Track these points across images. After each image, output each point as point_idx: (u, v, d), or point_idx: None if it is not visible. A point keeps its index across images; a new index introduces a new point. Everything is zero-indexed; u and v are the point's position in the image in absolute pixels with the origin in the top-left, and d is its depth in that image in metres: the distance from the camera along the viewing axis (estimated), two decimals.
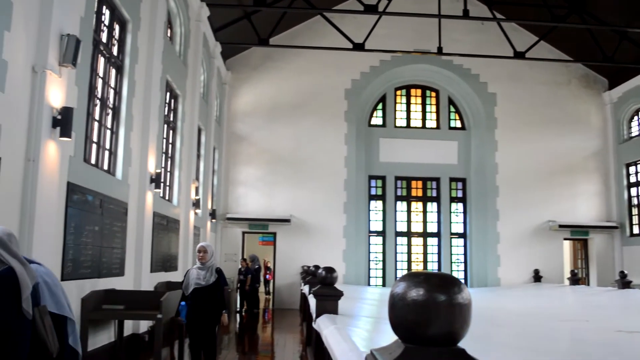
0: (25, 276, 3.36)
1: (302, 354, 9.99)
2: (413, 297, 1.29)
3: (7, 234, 3.48)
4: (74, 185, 7.25)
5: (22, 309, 3.30)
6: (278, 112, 19.79)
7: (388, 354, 1.34)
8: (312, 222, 19.32)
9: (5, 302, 3.26)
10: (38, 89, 6.06)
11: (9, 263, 3.35)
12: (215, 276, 6.78)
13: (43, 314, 3.64)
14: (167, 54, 11.73)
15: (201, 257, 6.82)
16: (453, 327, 1.29)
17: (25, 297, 3.31)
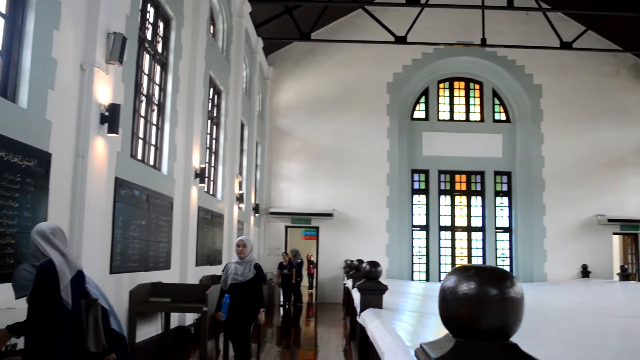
0: (64, 267, 3.47)
1: (346, 348, 9.99)
2: (464, 291, 1.27)
3: (52, 228, 3.61)
4: (121, 180, 7.40)
5: (62, 299, 3.40)
6: (320, 106, 19.79)
7: (438, 348, 1.32)
8: (355, 216, 19.30)
9: (46, 292, 3.38)
10: (86, 86, 6.19)
11: (49, 255, 3.47)
12: (253, 272, 6.51)
13: (90, 307, 3.72)
14: (210, 51, 11.85)
15: (240, 251, 6.54)
16: (505, 321, 1.27)
17: (64, 287, 3.42)
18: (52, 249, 3.52)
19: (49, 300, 3.34)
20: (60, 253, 3.54)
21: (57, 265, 3.45)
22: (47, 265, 3.43)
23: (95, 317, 3.74)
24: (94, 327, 3.71)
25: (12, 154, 4.90)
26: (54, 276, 3.41)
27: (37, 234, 3.55)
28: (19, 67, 5.26)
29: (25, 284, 3.64)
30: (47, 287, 3.39)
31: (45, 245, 3.52)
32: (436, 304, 1.35)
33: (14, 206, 4.93)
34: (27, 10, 5.35)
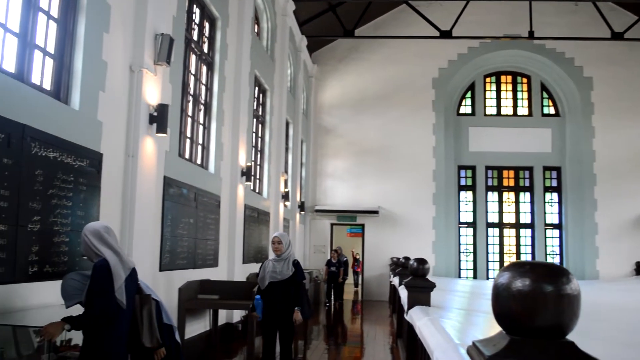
0: (118, 267, 3.51)
1: (393, 346, 9.93)
2: (518, 287, 1.24)
3: (105, 227, 3.68)
4: (170, 179, 7.53)
5: (117, 299, 3.45)
6: (365, 103, 19.73)
7: (492, 346, 1.29)
8: (401, 213, 19.18)
9: (101, 291, 3.44)
10: (135, 87, 6.32)
11: (102, 255, 3.52)
12: (292, 269, 6.14)
13: (144, 303, 3.79)
14: (254, 50, 11.94)
15: (276, 248, 6.22)
16: (561, 318, 1.23)
17: (118, 287, 3.47)
18: (106, 249, 3.57)
19: (103, 300, 3.41)
20: (114, 252, 3.60)
21: (111, 264, 3.50)
22: (102, 264, 3.49)
23: (150, 312, 3.81)
24: (148, 322, 3.78)
25: (66, 155, 5.03)
26: (108, 276, 3.47)
27: (91, 233, 3.61)
28: (71, 69, 5.40)
29: (74, 293, 3.73)
30: (101, 286, 3.45)
31: (99, 245, 3.57)
32: (484, 302, 1.33)
33: (68, 205, 5.06)
34: (78, 15, 5.49)
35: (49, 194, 4.77)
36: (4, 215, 4.20)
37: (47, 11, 5.18)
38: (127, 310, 3.54)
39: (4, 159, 4.20)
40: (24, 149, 4.44)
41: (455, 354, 3.11)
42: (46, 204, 4.73)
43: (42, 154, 4.69)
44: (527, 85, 20.40)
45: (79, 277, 3.80)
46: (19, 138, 4.37)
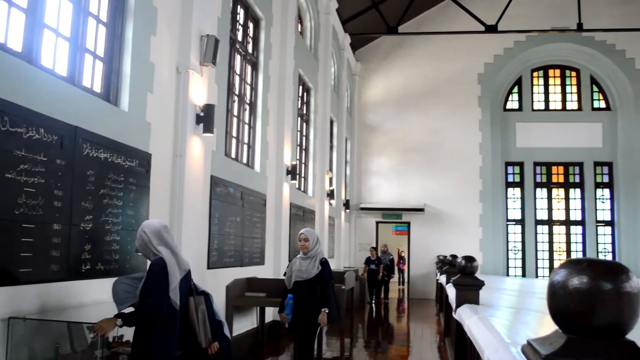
0: (175, 268, 3.54)
1: (440, 345, 9.84)
2: (575, 285, 1.21)
3: (164, 225, 3.71)
4: (217, 178, 7.62)
5: (170, 300, 3.48)
6: (409, 100, 19.58)
7: (548, 344, 1.26)
8: (447, 211, 18.97)
9: (155, 290, 3.47)
10: (182, 88, 6.41)
11: (160, 254, 3.56)
12: (318, 268, 5.81)
13: (198, 304, 3.84)
14: (298, 49, 11.98)
15: (302, 246, 5.90)
16: (620, 317, 1.20)
17: (173, 289, 3.50)
18: (164, 248, 3.60)
19: (156, 298, 3.44)
20: (172, 252, 3.62)
21: (168, 265, 3.53)
22: (159, 263, 3.53)
23: (204, 312, 3.86)
24: (203, 323, 3.82)
25: (116, 155, 5.15)
26: (164, 275, 3.51)
27: (150, 232, 3.63)
28: (120, 72, 5.51)
29: (125, 297, 3.80)
30: (156, 285, 3.48)
31: (158, 244, 3.60)
32: (534, 301, 1.30)
33: (118, 205, 5.18)
34: (126, 18, 5.60)
35: (100, 193, 4.89)
36: (58, 214, 4.32)
37: (96, 15, 5.30)
38: (179, 312, 3.58)
39: (58, 160, 4.32)
40: (76, 150, 4.55)
41: (506, 353, 3.06)
42: (98, 204, 4.85)
43: (94, 154, 4.80)
44: (576, 79, 19.88)
45: (129, 280, 3.88)
46: (71, 139, 4.49)
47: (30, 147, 4.03)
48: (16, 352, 3.86)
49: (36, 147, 4.09)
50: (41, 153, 4.14)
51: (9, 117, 3.83)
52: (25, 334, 3.95)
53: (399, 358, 9.12)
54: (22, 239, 3.95)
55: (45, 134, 4.19)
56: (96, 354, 3.93)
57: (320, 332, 6.18)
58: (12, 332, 3.82)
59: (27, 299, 4.04)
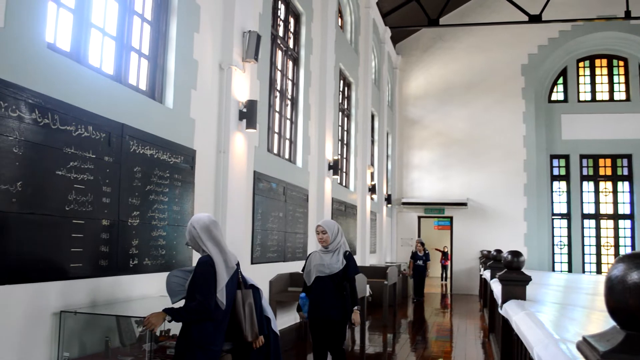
0: (222, 268, 3.54)
1: (485, 341, 9.71)
2: (635, 280, 1.17)
3: (213, 221, 3.71)
4: (259, 173, 7.67)
5: (217, 299, 3.50)
6: (451, 93, 19.34)
7: (606, 341, 1.22)
8: (490, 205, 18.69)
9: (203, 288, 3.48)
10: (225, 84, 6.46)
11: (208, 251, 3.57)
12: (342, 262, 5.25)
13: (245, 298, 3.85)
14: (339, 43, 11.96)
15: (320, 239, 5.34)
16: None
17: (220, 289, 3.50)
18: (213, 246, 3.60)
19: (203, 296, 3.46)
20: (221, 250, 3.62)
21: (216, 264, 3.53)
22: (207, 261, 3.53)
23: (251, 306, 3.87)
24: (250, 317, 3.84)
25: (162, 152, 5.22)
26: (212, 274, 3.51)
27: (200, 227, 3.63)
28: (165, 69, 5.59)
29: (178, 289, 3.84)
30: (204, 282, 3.49)
31: (207, 241, 3.60)
32: (581, 296, 1.26)
33: (164, 201, 5.25)
34: (169, 16, 5.67)
35: (146, 190, 4.97)
36: (106, 210, 4.41)
37: (141, 14, 5.38)
38: (226, 311, 3.59)
39: (106, 157, 4.40)
40: (123, 147, 4.63)
41: (556, 350, 2.99)
42: (144, 200, 4.93)
43: (140, 151, 4.88)
44: (623, 68, 19.31)
45: (181, 273, 3.91)
46: (118, 137, 4.57)
47: (79, 145, 4.11)
48: (68, 344, 3.95)
49: (85, 144, 4.17)
50: (90, 150, 4.22)
51: (59, 115, 3.91)
52: (76, 327, 4.05)
53: (442, 354, 9.02)
54: (73, 234, 4.04)
55: (94, 131, 4.28)
56: (144, 347, 4.00)
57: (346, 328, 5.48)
58: (64, 325, 3.92)
59: (78, 293, 4.13)
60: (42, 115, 3.77)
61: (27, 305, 3.66)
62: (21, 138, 3.59)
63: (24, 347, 3.65)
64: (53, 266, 3.86)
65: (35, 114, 3.71)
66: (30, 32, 3.72)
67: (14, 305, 3.56)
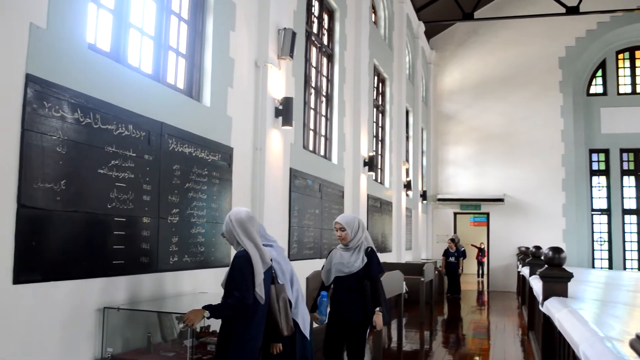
0: (259, 262, 3.55)
1: (524, 339, 9.58)
2: None
3: (250, 217, 3.71)
4: (295, 170, 7.68)
5: (255, 293, 3.51)
6: (486, 87, 19.10)
7: None
8: (528, 200, 18.41)
9: (240, 283, 3.49)
10: (261, 82, 6.49)
11: (245, 246, 3.58)
12: (363, 260, 4.85)
13: (279, 292, 3.86)
14: (373, 39, 11.90)
15: (339, 236, 4.95)
16: None
17: (259, 283, 3.51)
18: (248, 241, 3.60)
19: (241, 291, 3.47)
20: (256, 246, 3.62)
21: (253, 260, 3.54)
22: (244, 256, 3.55)
23: (285, 301, 3.88)
24: (285, 311, 3.85)
25: (200, 150, 5.26)
26: (249, 268, 3.52)
27: (236, 221, 3.64)
28: (202, 68, 5.63)
29: None
30: (241, 277, 3.50)
31: (243, 236, 3.61)
32: (623, 293, 1.21)
33: (203, 198, 5.29)
34: (206, 15, 5.71)
35: (185, 187, 5.01)
36: (147, 208, 4.46)
37: (178, 13, 5.43)
38: (264, 305, 3.61)
39: (146, 156, 4.46)
40: (162, 145, 4.68)
41: (603, 348, 2.93)
42: (183, 197, 4.98)
43: (179, 149, 4.93)
44: None
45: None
46: (157, 135, 4.62)
47: (120, 144, 4.17)
48: (111, 340, 4.01)
49: (126, 143, 4.23)
50: (130, 149, 4.28)
51: (100, 114, 3.97)
52: (119, 323, 4.11)
53: (480, 351, 8.93)
54: (115, 232, 4.10)
55: (134, 130, 4.33)
56: (185, 343, 4.03)
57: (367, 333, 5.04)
58: (107, 321, 3.98)
59: (120, 290, 4.19)
60: (84, 115, 3.83)
61: (71, 302, 3.73)
62: (64, 137, 3.66)
63: (68, 343, 3.72)
64: (96, 263, 3.93)
65: (77, 114, 3.77)
66: (71, 33, 3.77)
67: (58, 301, 3.63)
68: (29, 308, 3.42)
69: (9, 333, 3.29)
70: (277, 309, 3.80)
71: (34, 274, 3.44)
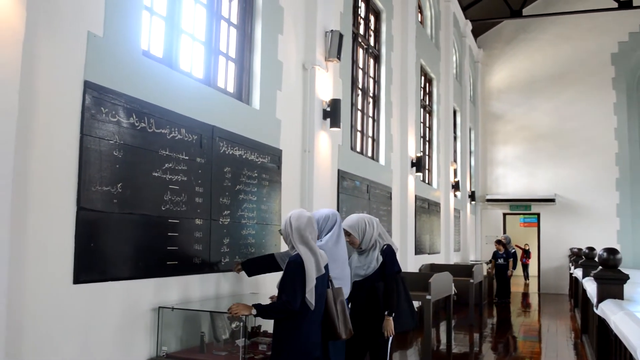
0: (312, 270, 3.51)
1: (577, 342, 9.37)
2: None
3: (309, 223, 3.68)
4: (343, 172, 7.71)
5: (305, 299, 3.51)
6: (535, 86, 18.75)
7: None
8: (580, 201, 17.97)
9: (291, 286, 3.48)
10: (309, 84, 6.53)
11: (298, 250, 3.59)
12: (379, 259, 4.60)
13: (337, 296, 3.86)
14: (419, 39, 11.83)
15: (349, 242, 4.72)
16: None
17: (309, 290, 3.49)
18: (304, 247, 3.57)
19: (289, 296, 3.46)
20: (311, 251, 3.58)
21: (306, 266, 3.50)
22: (296, 261, 3.53)
23: (343, 305, 3.87)
24: (342, 314, 3.85)
25: (250, 152, 5.33)
26: (300, 274, 3.49)
27: (295, 226, 3.61)
28: (251, 71, 5.71)
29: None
30: (291, 282, 3.49)
31: (298, 242, 3.58)
32: None
33: (253, 200, 5.36)
34: (254, 19, 5.79)
35: (236, 189, 5.09)
36: (199, 210, 4.55)
37: (227, 18, 5.52)
38: (315, 312, 3.55)
39: (198, 159, 4.55)
40: (213, 148, 4.77)
41: None
42: (234, 199, 5.06)
43: (229, 152, 5.01)
44: None
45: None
46: (209, 138, 4.71)
47: (173, 147, 4.27)
48: (166, 339, 4.11)
49: (179, 146, 4.33)
50: (183, 152, 4.37)
51: (154, 119, 4.07)
52: (173, 323, 4.20)
53: (531, 355, 8.78)
54: (168, 233, 4.20)
55: (186, 133, 4.43)
56: (237, 342, 4.09)
57: (388, 341, 4.68)
58: (161, 320, 4.08)
59: (173, 290, 4.29)
60: (139, 120, 3.93)
61: (127, 301, 3.83)
62: (120, 142, 3.76)
63: (125, 341, 3.82)
64: (151, 264, 4.03)
65: (132, 118, 3.88)
66: (126, 41, 3.88)
67: (115, 300, 3.74)
68: (88, 307, 3.53)
69: (70, 330, 3.40)
70: (335, 312, 3.80)
71: (92, 274, 3.55)
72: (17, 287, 3.02)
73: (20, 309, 3.06)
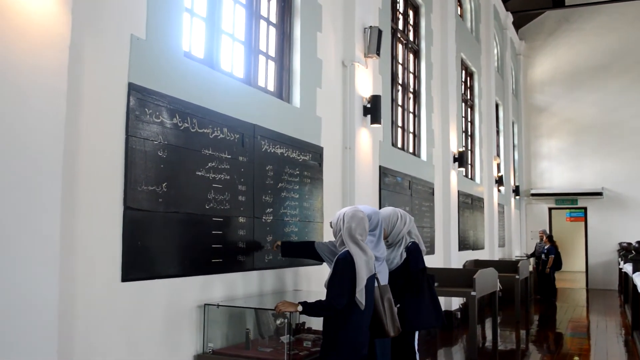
0: (363, 269, 3.47)
1: (627, 339, 9.14)
2: None
3: (361, 225, 3.63)
4: (385, 168, 7.68)
5: (355, 298, 3.47)
6: (580, 77, 18.33)
7: None
8: (629, 194, 17.50)
9: (338, 284, 3.47)
10: (349, 81, 6.51)
11: (349, 249, 3.54)
12: (402, 255, 4.53)
13: (384, 293, 3.85)
14: (459, 32, 11.69)
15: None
16: None
17: (360, 290, 3.45)
18: (355, 246, 3.53)
19: (336, 294, 3.45)
20: (363, 250, 3.54)
21: (357, 265, 3.45)
22: (346, 259, 3.49)
23: (390, 302, 3.85)
24: (390, 312, 3.83)
25: (291, 150, 5.36)
26: (349, 272, 3.46)
27: (346, 225, 3.58)
28: (291, 70, 5.73)
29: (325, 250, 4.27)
30: (340, 280, 3.47)
31: (349, 242, 3.54)
32: None
33: (295, 197, 5.39)
34: (293, 18, 5.81)
35: (278, 187, 5.12)
36: (242, 208, 4.59)
37: (266, 18, 5.55)
38: (365, 311, 3.52)
39: (240, 157, 4.59)
40: (255, 147, 4.81)
41: None
42: (276, 197, 5.09)
43: (271, 150, 5.04)
44: None
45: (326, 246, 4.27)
46: (251, 137, 4.75)
47: (216, 146, 4.32)
48: (211, 336, 4.16)
49: (221, 145, 4.38)
50: (225, 151, 4.42)
51: (197, 119, 4.13)
52: (218, 320, 4.25)
53: (580, 351, 8.59)
54: (213, 231, 4.25)
55: (229, 133, 4.47)
56: (282, 339, 4.12)
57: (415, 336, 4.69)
58: (207, 317, 4.13)
59: (218, 287, 4.34)
60: (182, 120, 3.99)
61: (173, 298, 3.90)
62: (164, 142, 3.83)
63: (171, 337, 3.88)
64: (196, 261, 4.08)
65: (176, 119, 3.94)
66: (169, 43, 3.94)
67: (161, 298, 3.80)
68: (135, 305, 3.60)
69: (118, 327, 3.48)
70: (383, 310, 3.78)
71: (140, 272, 3.62)
72: (67, 287, 3.09)
73: (70, 309, 3.14)
